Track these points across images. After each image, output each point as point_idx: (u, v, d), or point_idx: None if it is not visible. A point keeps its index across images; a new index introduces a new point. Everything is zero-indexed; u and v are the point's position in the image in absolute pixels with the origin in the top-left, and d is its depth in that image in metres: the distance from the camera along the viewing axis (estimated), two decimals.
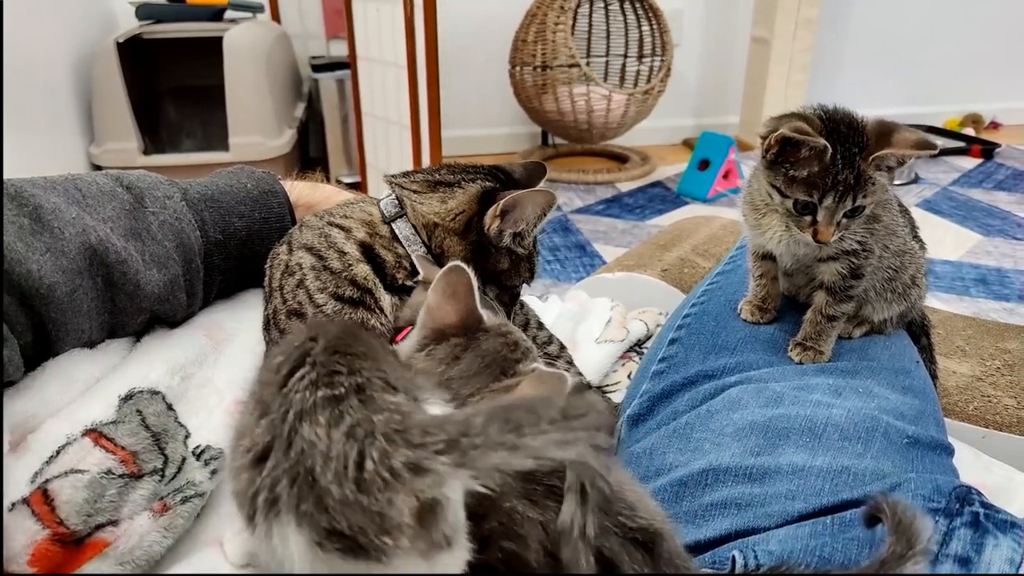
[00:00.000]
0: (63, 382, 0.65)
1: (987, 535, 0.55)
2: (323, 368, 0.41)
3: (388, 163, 2.82)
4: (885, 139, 0.72)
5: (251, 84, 2.77)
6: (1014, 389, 1.13)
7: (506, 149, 3.95)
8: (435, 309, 0.61)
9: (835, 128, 0.72)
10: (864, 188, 0.72)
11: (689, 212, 3.04)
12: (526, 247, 0.81)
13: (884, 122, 0.74)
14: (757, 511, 0.64)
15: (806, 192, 0.73)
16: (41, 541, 0.54)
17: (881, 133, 0.73)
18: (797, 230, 0.76)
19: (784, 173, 0.74)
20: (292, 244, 0.80)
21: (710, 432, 0.74)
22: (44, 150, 2.53)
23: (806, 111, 0.75)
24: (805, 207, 0.74)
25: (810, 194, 0.73)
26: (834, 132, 0.72)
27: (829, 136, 0.72)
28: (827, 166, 0.71)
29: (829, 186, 0.72)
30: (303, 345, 0.44)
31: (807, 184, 0.73)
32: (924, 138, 0.72)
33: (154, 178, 0.79)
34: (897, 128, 0.73)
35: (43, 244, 0.62)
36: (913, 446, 0.72)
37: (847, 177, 0.72)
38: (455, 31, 3.46)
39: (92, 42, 2.76)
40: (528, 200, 0.77)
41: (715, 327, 0.90)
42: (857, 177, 0.72)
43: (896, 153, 0.72)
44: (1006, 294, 2.36)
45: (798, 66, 3.75)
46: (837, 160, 0.71)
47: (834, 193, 0.72)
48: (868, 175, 0.72)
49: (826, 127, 0.72)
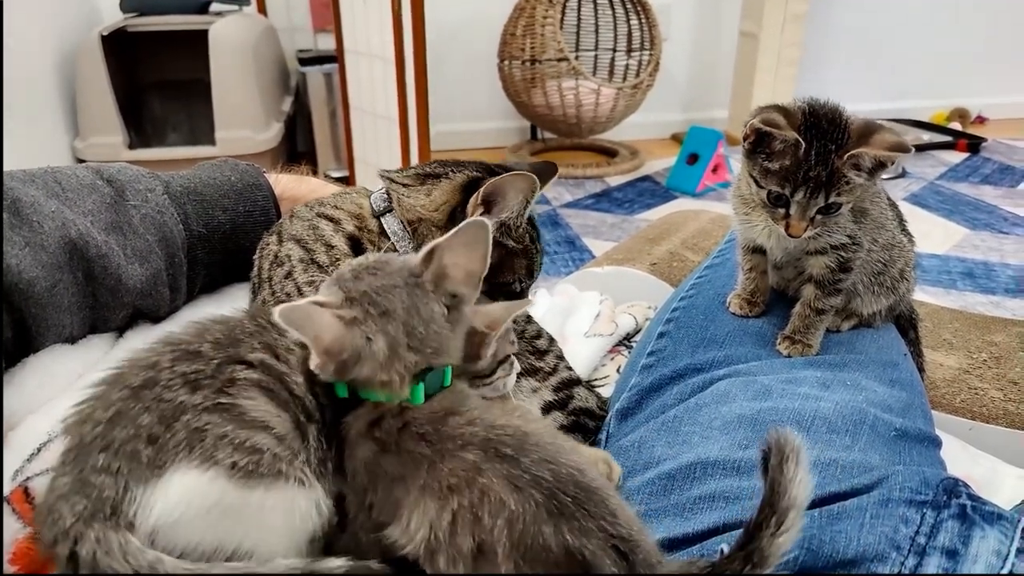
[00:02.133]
0: (44, 378, 0.64)
1: (974, 527, 0.55)
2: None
3: (376, 157, 2.81)
4: (866, 139, 0.72)
5: (238, 77, 2.75)
6: (1000, 381, 1.14)
7: (495, 144, 3.94)
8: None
9: (816, 123, 0.72)
10: (838, 186, 0.72)
11: (678, 206, 3.05)
12: (518, 239, 0.78)
13: (870, 122, 0.73)
14: (745, 504, 0.64)
15: (779, 184, 0.73)
16: (22, 539, 0.54)
17: (863, 133, 0.72)
18: (773, 222, 0.77)
19: (760, 164, 0.74)
20: (282, 235, 0.79)
21: (698, 425, 0.74)
22: (27, 144, 2.49)
23: (792, 104, 0.75)
24: (778, 199, 0.74)
25: (782, 186, 0.73)
26: (814, 127, 0.72)
27: (808, 131, 0.71)
28: (799, 160, 0.71)
29: (800, 181, 0.72)
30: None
31: (780, 177, 0.73)
32: (901, 141, 0.72)
33: (135, 171, 0.78)
34: (880, 129, 0.73)
35: (22, 238, 0.61)
36: (901, 438, 0.72)
37: (819, 173, 0.71)
38: (443, 25, 3.45)
39: (76, 35, 2.73)
40: (509, 185, 0.74)
41: (704, 321, 0.90)
42: (831, 174, 0.71)
43: (870, 153, 0.71)
44: (992, 287, 2.38)
45: (786, 60, 3.76)
46: (811, 155, 0.71)
47: (805, 188, 0.72)
48: (843, 173, 0.72)
49: (806, 121, 0.72)
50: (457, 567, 0.48)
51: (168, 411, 0.49)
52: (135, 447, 0.48)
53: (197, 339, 0.54)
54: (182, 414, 0.49)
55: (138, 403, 0.50)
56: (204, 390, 0.50)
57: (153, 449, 0.48)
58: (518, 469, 0.49)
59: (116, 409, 0.50)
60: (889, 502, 0.58)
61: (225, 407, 0.50)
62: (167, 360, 0.52)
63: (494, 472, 0.49)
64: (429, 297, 0.56)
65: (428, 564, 0.49)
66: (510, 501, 0.48)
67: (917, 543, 0.54)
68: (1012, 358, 1.19)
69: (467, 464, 0.50)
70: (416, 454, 0.52)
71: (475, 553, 0.48)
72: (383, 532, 0.52)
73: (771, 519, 0.48)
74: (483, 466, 0.50)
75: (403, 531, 0.50)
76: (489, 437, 0.51)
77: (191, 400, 0.50)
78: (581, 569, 0.47)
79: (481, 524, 0.48)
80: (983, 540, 0.54)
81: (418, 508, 0.50)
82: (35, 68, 2.59)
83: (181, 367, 0.51)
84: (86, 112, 2.71)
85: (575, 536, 0.48)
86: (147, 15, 2.79)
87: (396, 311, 0.54)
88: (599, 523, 0.49)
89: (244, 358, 0.53)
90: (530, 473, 0.49)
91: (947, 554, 0.54)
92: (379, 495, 0.52)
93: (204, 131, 2.81)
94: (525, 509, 0.48)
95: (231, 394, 0.51)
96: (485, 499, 0.48)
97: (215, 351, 0.53)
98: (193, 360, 0.52)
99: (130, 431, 0.49)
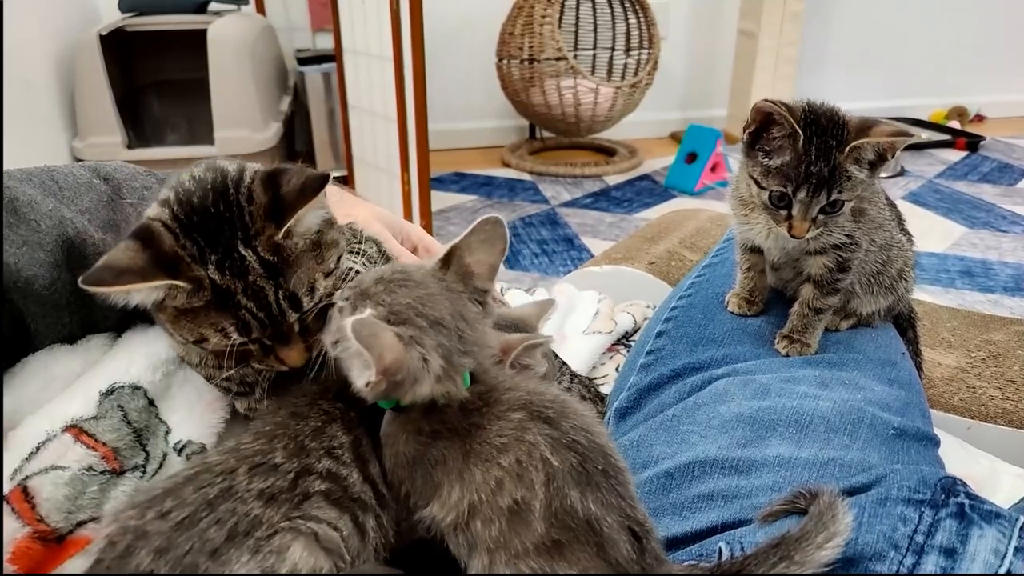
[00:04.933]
0: (43, 378, 0.64)
1: (972, 526, 0.55)
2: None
3: (375, 157, 2.81)
4: (867, 129, 0.72)
5: (236, 77, 2.75)
6: (999, 380, 1.14)
7: (493, 143, 3.95)
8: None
9: (815, 119, 0.72)
10: (840, 182, 0.72)
11: (677, 205, 3.05)
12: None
13: (867, 119, 0.74)
14: (744, 503, 0.64)
15: (780, 183, 0.73)
16: (22, 539, 0.54)
17: (861, 128, 0.72)
18: (775, 224, 0.76)
19: (760, 162, 0.74)
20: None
21: (697, 424, 0.74)
22: (27, 145, 2.49)
23: (792, 102, 0.75)
24: (781, 199, 0.74)
25: (784, 185, 0.73)
26: (813, 123, 0.72)
27: (808, 126, 0.71)
28: (800, 155, 0.71)
29: (803, 177, 0.72)
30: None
31: (781, 175, 0.73)
32: (901, 127, 0.72)
33: (132, 169, 0.78)
34: (878, 123, 0.73)
35: (19, 237, 0.61)
36: (899, 437, 0.72)
37: (821, 169, 0.71)
38: (441, 24, 3.45)
39: (74, 35, 2.73)
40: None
41: (702, 320, 0.90)
42: (832, 170, 0.71)
43: (871, 142, 0.71)
44: (991, 286, 2.38)
45: (785, 59, 3.76)
46: (811, 150, 0.71)
47: (807, 186, 0.72)
48: (844, 168, 0.72)
49: (806, 117, 0.72)
50: (491, 528, 0.48)
51: (242, 526, 0.48)
52: (195, 560, 0.47)
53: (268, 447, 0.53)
54: (256, 529, 0.48)
55: (211, 512, 0.49)
56: (283, 506, 0.50)
57: (214, 564, 0.47)
58: (558, 431, 0.51)
59: (188, 513, 0.48)
60: (887, 501, 0.58)
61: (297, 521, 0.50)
62: (243, 473, 0.51)
63: (539, 430, 0.51)
64: (464, 298, 0.57)
65: (462, 532, 0.50)
66: (553, 459, 0.49)
67: (915, 542, 0.54)
68: (1011, 357, 1.19)
69: (514, 423, 0.51)
70: (464, 426, 0.52)
71: (513, 509, 0.48)
72: (416, 516, 0.52)
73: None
74: (528, 424, 0.51)
75: (442, 504, 0.51)
76: (532, 400, 0.53)
77: (266, 515, 0.49)
78: (596, 541, 0.48)
79: (523, 480, 0.49)
80: (981, 539, 0.54)
81: (461, 479, 0.51)
82: (33, 68, 2.58)
83: (257, 483, 0.51)
84: (85, 112, 2.71)
85: (598, 506, 0.49)
86: (145, 15, 2.79)
87: (446, 319, 0.54)
88: (620, 502, 0.50)
89: (314, 469, 0.53)
90: (568, 437, 0.51)
91: (945, 553, 0.54)
92: (418, 482, 0.53)
93: (203, 131, 2.80)
94: (562, 469, 0.49)
95: (304, 509, 0.51)
96: (531, 455, 0.49)
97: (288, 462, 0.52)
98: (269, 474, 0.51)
99: (195, 542, 0.47)
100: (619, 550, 0.48)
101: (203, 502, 0.49)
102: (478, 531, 0.49)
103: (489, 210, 3.10)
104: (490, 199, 3.24)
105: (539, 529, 0.47)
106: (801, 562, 0.50)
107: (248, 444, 0.54)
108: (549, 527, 0.47)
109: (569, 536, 0.47)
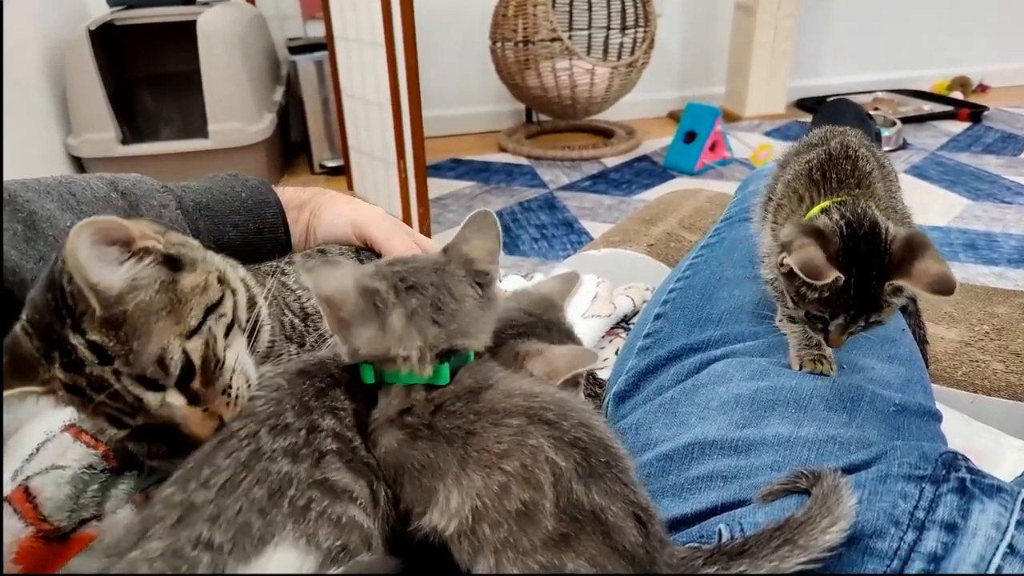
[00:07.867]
0: None
1: (973, 500, 0.55)
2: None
3: (371, 144, 2.80)
4: (910, 260, 0.67)
5: (227, 68, 2.73)
6: (1003, 353, 1.14)
7: (489, 127, 3.93)
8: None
9: (855, 245, 0.67)
10: (879, 310, 0.69)
11: (677, 186, 3.03)
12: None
13: (914, 240, 0.67)
14: (743, 483, 0.64)
15: (818, 308, 0.70)
16: (25, 539, 0.54)
17: (906, 253, 0.67)
18: (811, 330, 0.74)
19: (797, 288, 0.70)
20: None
21: (695, 406, 0.74)
22: (22, 143, 2.49)
23: (828, 223, 0.69)
24: (818, 319, 0.71)
25: (821, 311, 0.70)
26: (853, 251, 0.67)
27: (848, 254, 0.67)
28: (839, 291, 0.67)
29: (841, 308, 0.69)
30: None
31: (819, 302, 0.69)
32: (946, 273, 0.65)
33: (149, 184, 0.78)
34: (924, 250, 0.66)
35: (37, 252, 0.62)
36: (899, 414, 0.72)
37: (860, 300, 0.68)
38: (432, 7, 3.42)
39: (63, 30, 2.71)
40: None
41: (700, 300, 0.89)
42: (872, 299, 0.68)
43: (910, 287, 0.67)
44: (995, 258, 2.37)
45: (783, 33, 3.73)
46: (850, 286, 0.67)
47: (845, 314, 0.69)
48: (884, 298, 0.68)
49: (846, 244, 0.67)
50: (499, 531, 0.48)
51: (276, 484, 0.48)
52: (247, 519, 0.47)
53: (279, 408, 0.53)
54: (288, 487, 0.49)
55: (249, 473, 0.49)
56: (303, 462, 0.50)
57: (263, 523, 0.47)
58: (560, 431, 0.51)
59: (227, 476, 0.48)
60: (887, 477, 0.58)
61: (319, 483, 0.50)
62: (265, 434, 0.51)
63: (541, 433, 0.51)
64: (460, 279, 0.57)
65: (467, 538, 0.50)
66: (558, 459, 0.49)
67: (916, 518, 0.54)
68: (1015, 329, 1.19)
69: (514, 429, 0.51)
70: (452, 431, 0.52)
71: (522, 511, 0.48)
72: (415, 524, 0.52)
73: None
74: (529, 429, 0.51)
75: (442, 512, 0.50)
76: (531, 406, 0.53)
77: (294, 471, 0.49)
78: (602, 530, 0.48)
79: (531, 482, 0.49)
80: (982, 513, 0.54)
81: (459, 484, 0.50)
82: (24, 65, 2.57)
83: (280, 442, 0.51)
84: (77, 108, 2.70)
85: (602, 497, 0.49)
86: (134, 7, 2.77)
87: (424, 285, 0.55)
88: (623, 489, 0.50)
89: (320, 426, 0.53)
90: (570, 435, 0.51)
91: (946, 528, 0.54)
92: (406, 488, 0.53)
93: (196, 124, 2.79)
94: (567, 467, 0.49)
95: (323, 468, 0.51)
96: (536, 458, 0.50)
97: (297, 420, 0.53)
98: (286, 434, 0.52)
99: (242, 502, 0.47)
100: (626, 536, 0.48)
101: (238, 464, 0.49)
102: (485, 535, 0.49)
103: (487, 196, 3.09)
104: (488, 185, 3.23)
105: (548, 526, 0.48)
106: (805, 546, 0.50)
107: (262, 408, 0.54)
108: (558, 523, 0.48)
109: (576, 528, 0.48)
